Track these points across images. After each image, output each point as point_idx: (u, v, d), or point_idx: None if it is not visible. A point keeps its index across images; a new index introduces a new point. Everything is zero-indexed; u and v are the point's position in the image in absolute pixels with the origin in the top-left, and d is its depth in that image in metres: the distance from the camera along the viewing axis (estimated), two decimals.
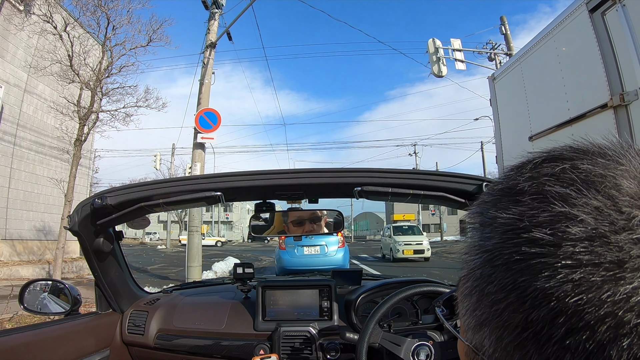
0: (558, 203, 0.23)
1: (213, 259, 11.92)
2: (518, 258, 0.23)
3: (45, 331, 1.09)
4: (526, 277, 0.23)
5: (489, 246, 0.26)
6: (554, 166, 0.25)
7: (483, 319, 0.26)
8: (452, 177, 1.06)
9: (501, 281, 0.24)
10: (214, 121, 7.81)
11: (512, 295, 0.24)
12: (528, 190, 0.25)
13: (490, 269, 0.25)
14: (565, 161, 0.25)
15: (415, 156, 27.98)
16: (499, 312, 0.24)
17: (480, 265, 0.26)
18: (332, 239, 7.39)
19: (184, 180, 1.15)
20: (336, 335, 1.26)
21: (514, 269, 0.24)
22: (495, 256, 0.25)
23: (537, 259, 0.23)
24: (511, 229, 0.25)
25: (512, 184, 0.27)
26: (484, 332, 0.26)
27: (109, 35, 7.08)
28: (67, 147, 7.82)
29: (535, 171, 0.26)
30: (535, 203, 0.24)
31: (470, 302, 0.28)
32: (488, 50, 12.94)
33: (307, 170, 1.11)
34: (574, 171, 0.24)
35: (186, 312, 1.37)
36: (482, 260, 0.26)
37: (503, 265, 0.24)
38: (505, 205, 0.26)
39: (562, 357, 0.22)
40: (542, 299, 0.22)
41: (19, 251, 9.52)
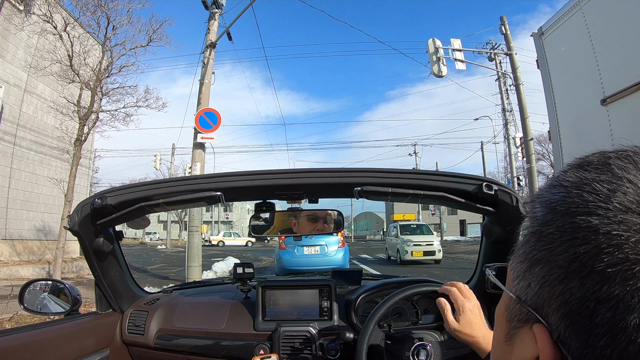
0: (618, 170, 0.28)
1: (213, 259, 11.93)
2: (578, 202, 0.28)
3: (45, 331, 1.09)
4: (582, 217, 0.27)
5: (555, 199, 0.30)
6: (619, 152, 0.30)
7: (537, 257, 0.29)
8: (452, 177, 1.06)
9: (560, 222, 0.28)
10: (214, 121, 7.81)
11: (567, 233, 0.27)
12: (594, 161, 0.30)
13: (552, 215, 0.29)
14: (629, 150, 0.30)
15: (415, 156, 27.99)
16: (552, 249, 0.28)
17: (543, 214, 0.30)
18: (332, 239, 7.39)
19: (184, 180, 1.15)
20: (336, 335, 1.26)
21: (573, 211, 0.28)
22: (559, 204, 0.29)
23: (593, 204, 0.27)
24: (576, 185, 0.29)
25: (582, 159, 0.32)
26: (534, 271, 0.30)
27: (109, 35, 7.09)
28: (67, 147, 7.82)
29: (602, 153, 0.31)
30: (599, 169, 0.29)
31: (526, 248, 0.31)
32: (488, 50, 12.95)
33: (307, 170, 1.11)
34: (634, 156, 0.29)
35: (186, 312, 1.37)
36: (546, 209, 0.30)
37: (564, 210, 0.28)
38: (573, 171, 0.31)
39: (600, 289, 0.25)
40: (592, 234, 0.26)
41: (19, 251, 9.52)
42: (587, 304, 0.25)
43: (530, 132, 11.81)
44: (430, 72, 11.22)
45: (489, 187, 1.01)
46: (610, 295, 0.24)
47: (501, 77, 13.23)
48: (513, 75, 12.20)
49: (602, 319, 0.25)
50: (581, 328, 0.26)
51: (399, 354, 1.06)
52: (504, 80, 13.20)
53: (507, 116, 13.39)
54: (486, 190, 1.00)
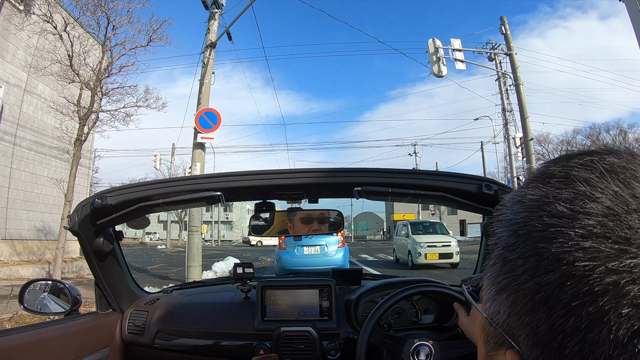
0: (581, 184, 0.26)
1: (213, 259, 11.93)
2: (539, 228, 0.26)
3: (45, 331, 1.09)
4: (544, 244, 0.26)
5: (517, 219, 0.29)
6: (584, 157, 0.28)
7: (503, 284, 0.28)
8: (452, 177, 1.06)
9: (522, 249, 0.27)
10: (214, 121, 7.81)
11: (530, 261, 0.26)
12: (557, 174, 0.28)
13: (514, 239, 0.28)
14: (595, 155, 0.28)
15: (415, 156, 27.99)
16: (516, 277, 0.27)
17: (506, 237, 0.29)
18: (332, 239, 7.39)
19: (184, 180, 1.15)
20: (336, 335, 1.26)
21: (535, 237, 0.26)
22: (521, 227, 0.28)
23: (554, 228, 0.25)
24: (537, 204, 0.28)
25: (544, 169, 0.30)
26: (501, 297, 0.29)
27: (109, 35, 7.09)
28: (67, 147, 7.82)
29: (567, 161, 0.29)
30: (561, 184, 0.27)
31: (493, 271, 0.30)
32: (488, 50, 12.95)
33: (307, 170, 1.11)
34: (600, 162, 0.27)
35: (186, 312, 1.37)
36: (509, 231, 0.29)
37: (526, 235, 0.27)
38: (535, 185, 0.29)
39: (567, 321, 0.24)
40: (555, 263, 0.25)
41: (19, 251, 9.52)
42: (555, 336, 0.24)
43: (530, 132, 11.82)
44: (430, 72, 11.23)
45: (489, 187, 1.01)
46: (577, 328, 0.23)
47: (501, 77, 13.23)
48: (513, 75, 12.20)
49: (570, 352, 0.24)
50: (551, 358, 0.25)
51: (399, 354, 1.06)
52: (504, 80, 13.20)
53: (507, 116, 13.39)
54: (486, 190, 1.00)
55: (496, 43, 12.94)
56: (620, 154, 0.28)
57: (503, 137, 13.76)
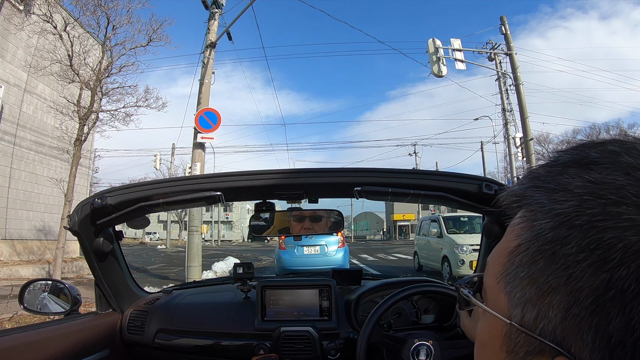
0: (636, 171, 0.24)
1: (213, 259, 11.92)
2: (604, 217, 0.23)
3: (45, 331, 1.09)
4: (613, 233, 0.23)
5: (564, 208, 0.25)
6: (617, 144, 0.26)
7: (553, 284, 0.25)
8: (452, 177, 1.06)
9: (581, 242, 0.24)
10: (214, 121, 7.81)
11: (594, 254, 0.23)
12: (600, 160, 0.26)
13: (565, 231, 0.25)
14: (626, 143, 0.26)
15: (415, 156, 27.99)
16: (576, 274, 0.24)
17: (550, 229, 0.26)
18: (332, 238, 7.38)
19: (184, 180, 1.15)
20: (336, 336, 1.26)
21: (599, 227, 0.23)
22: (574, 217, 0.24)
23: (625, 216, 0.23)
24: (591, 191, 0.25)
25: (579, 157, 0.27)
26: (549, 300, 0.25)
27: (109, 35, 7.08)
28: (67, 147, 7.82)
29: (599, 149, 0.27)
30: (609, 170, 0.25)
31: (530, 271, 0.26)
32: (488, 50, 12.95)
33: (307, 170, 1.11)
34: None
35: (186, 312, 1.37)
36: (555, 222, 0.25)
37: (585, 225, 0.24)
38: (577, 172, 0.26)
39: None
40: (630, 255, 0.22)
41: (19, 251, 9.52)
42: (632, 334, 0.22)
43: (530, 132, 11.82)
44: (430, 72, 11.23)
45: (489, 187, 1.01)
46: None
47: (501, 77, 13.23)
48: (513, 75, 12.20)
49: None
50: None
51: (399, 354, 1.06)
52: (504, 80, 13.20)
53: (507, 116, 13.39)
54: (486, 190, 1.00)
55: (496, 43, 12.94)
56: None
57: (503, 137, 13.77)
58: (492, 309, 0.31)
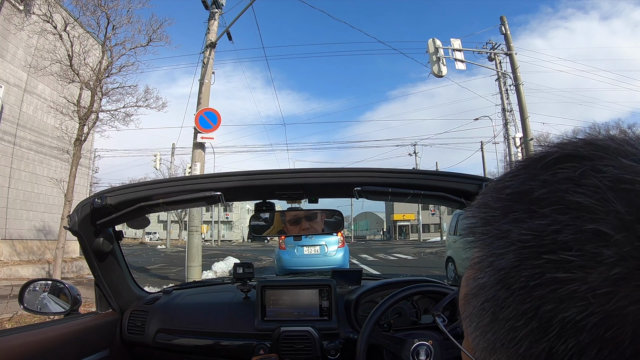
0: (585, 217, 0.20)
1: (213, 259, 11.92)
2: (540, 282, 0.21)
3: (45, 331, 1.09)
4: (552, 305, 0.20)
5: (503, 265, 0.23)
6: (571, 168, 0.22)
7: (497, 344, 0.23)
8: (452, 177, 1.06)
9: (519, 307, 0.22)
10: (214, 121, 7.81)
11: (533, 323, 0.21)
12: (545, 198, 0.22)
13: (505, 292, 0.22)
14: (584, 161, 0.22)
15: (415, 156, 27.99)
16: (517, 341, 0.22)
17: (491, 285, 0.24)
18: (332, 238, 7.38)
19: (184, 180, 1.15)
20: (336, 336, 1.27)
21: (535, 295, 0.21)
22: (511, 277, 0.22)
23: (564, 286, 0.20)
24: (530, 247, 0.21)
25: (525, 188, 0.24)
26: (497, 356, 0.24)
27: (109, 35, 7.08)
28: (67, 147, 7.81)
29: (550, 173, 0.23)
30: (556, 216, 0.21)
31: (481, 323, 0.25)
32: (488, 50, 12.95)
33: (307, 170, 1.11)
34: (597, 175, 0.21)
35: (186, 312, 1.37)
36: (494, 279, 0.23)
37: (521, 290, 0.21)
38: (519, 216, 0.23)
39: None
40: (571, 330, 0.20)
41: (19, 251, 9.52)
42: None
43: (530, 132, 11.82)
44: (430, 72, 11.23)
45: None
46: None
47: (501, 77, 13.23)
48: (513, 75, 12.20)
49: None
50: None
51: (399, 354, 1.06)
52: (504, 80, 13.20)
53: (507, 116, 13.40)
54: None
55: (496, 43, 12.94)
56: (613, 155, 0.22)
57: (503, 137, 13.76)
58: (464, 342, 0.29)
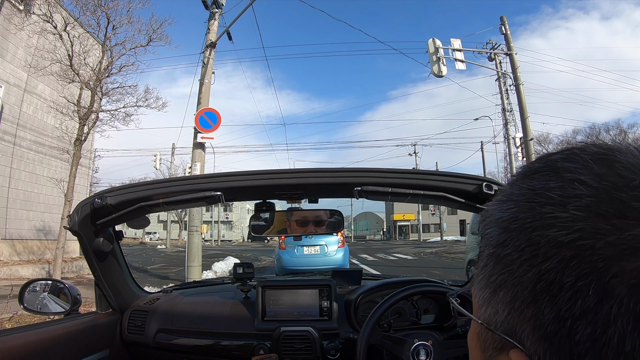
0: (567, 173, 0.26)
1: (213, 258, 11.92)
2: (531, 218, 0.26)
3: (45, 331, 1.09)
4: (539, 232, 0.25)
5: (506, 216, 0.28)
6: (564, 152, 0.29)
7: (499, 282, 0.28)
8: (452, 177, 1.06)
9: (516, 242, 0.27)
10: (214, 121, 7.81)
11: (525, 252, 0.26)
12: (540, 169, 0.29)
13: (505, 235, 0.28)
14: (575, 149, 0.28)
15: (415, 156, 27.99)
16: (513, 271, 0.26)
17: (496, 235, 0.29)
18: (332, 238, 7.38)
19: (184, 180, 1.14)
20: (336, 335, 1.27)
21: (528, 227, 0.26)
22: (511, 222, 0.27)
23: (548, 215, 0.25)
24: (526, 198, 0.28)
25: (526, 168, 0.30)
26: (498, 297, 0.28)
27: (109, 35, 7.08)
28: (67, 147, 7.82)
29: (547, 158, 0.29)
30: (546, 177, 0.27)
31: (485, 272, 0.30)
32: (488, 50, 12.95)
33: (307, 170, 1.11)
34: (581, 153, 0.27)
35: (186, 312, 1.37)
36: (499, 229, 0.29)
37: (518, 228, 0.27)
38: (520, 182, 0.29)
39: (573, 305, 0.23)
40: (553, 249, 0.24)
41: (19, 251, 9.51)
42: (563, 323, 0.23)
43: (530, 132, 11.81)
44: (430, 72, 11.22)
45: (489, 187, 1.01)
46: (585, 309, 0.23)
47: (501, 77, 13.23)
48: (513, 75, 12.19)
49: (581, 337, 0.23)
50: (561, 349, 0.24)
51: (399, 354, 1.06)
52: (504, 80, 13.20)
53: (507, 116, 13.39)
54: (486, 190, 1.00)
55: (496, 43, 12.94)
56: (599, 145, 0.28)
57: (503, 137, 13.76)
58: (472, 313, 0.34)
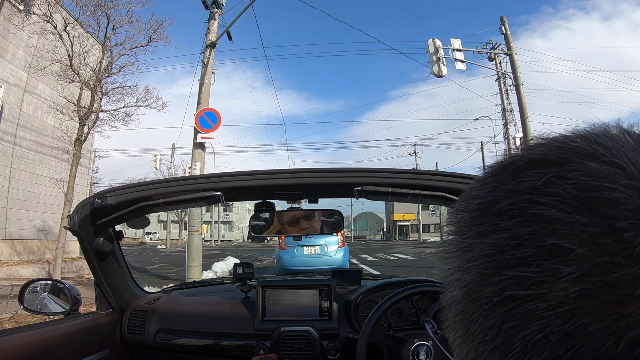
0: (544, 231, 0.19)
1: (213, 259, 11.92)
2: (502, 299, 0.20)
3: (45, 331, 1.09)
4: (513, 322, 0.20)
5: (469, 279, 0.23)
6: (536, 175, 0.21)
7: (470, 357, 0.23)
8: (452, 177, 1.06)
9: (485, 322, 0.21)
10: (214, 121, 7.81)
11: (498, 339, 0.21)
12: (508, 210, 0.21)
13: (472, 307, 0.22)
14: (551, 167, 0.21)
15: (415, 156, 27.99)
16: (485, 355, 0.22)
17: (461, 299, 0.24)
18: (332, 238, 7.38)
19: (184, 180, 1.14)
20: (336, 335, 1.27)
21: (498, 312, 0.20)
22: (477, 293, 0.22)
23: (524, 304, 0.19)
24: (491, 263, 0.21)
25: (490, 199, 0.23)
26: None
27: (109, 35, 7.08)
28: (67, 147, 7.82)
29: (515, 182, 0.22)
30: (517, 229, 0.20)
31: (456, 335, 0.25)
32: (488, 50, 12.95)
33: (307, 170, 1.11)
34: (560, 183, 0.20)
35: (186, 312, 1.37)
36: (463, 293, 0.23)
37: (485, 305, 0.21)
38: (483, 229, 0.22)
39: None
40: (532, 349, 0.19)
41: (19, 251, 9.52)
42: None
43: (530, 132, 11.82)
44: (430, 72, 11.23)
45: None
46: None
47: (501, 77, 13.24)
48: (513, 75, 12.20)
49: None
50: None
51: (399, 354, 1.06)
52: (504, 80, 13.20)
53: (507, 116, 13.40)
54: None
55: (496, 43, 12.95)
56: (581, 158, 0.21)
57: (503, 137, 13.77)
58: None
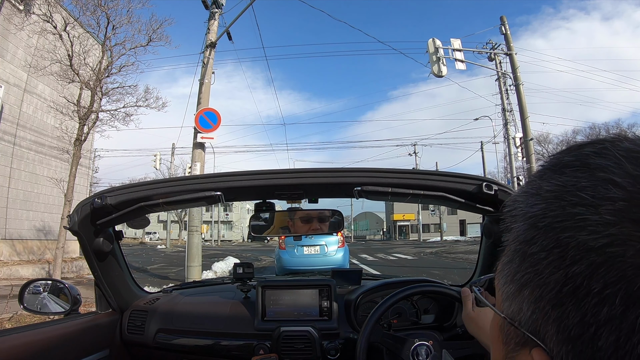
0: (599, 171, 0.25)
1: (213, 259, 11.92)
2: (561, 218, 0.25)
3: (45, 331, 1.09)
4: (568, 233, 0.24)
5: (534, 212, 0.27)
6: (597, 145, 0.27)
7: (524, 280, 0.27)
8: (452, 177, 1.06)
9: (544, 241, 0.26)
10: (214, 121, 7.81)
11: (553, 253, 0.25)
12: (571, 163, 0.27)
13: (533, 232, 0.27)
14: (607, 142, 0.27)
15: (415, 156, 27.99)
16: (540, 271, 0.26)
17: (524, 231, 0.28)
18: (332, 238, 7.37)
19: (184, 180, 1.14)
20: (336, 335, 1.27)
21: (557, 227, 0.25)
22: (540, 219, 0.27)
23: (578, 216, 0.24)
24: (555, 195, 0.26)
25: (556, 160, 0.29)
26: (523, 294, 0.27)
27: (108, 34, 7.08)
28: (67, 147, 7.82)
29: (578, 150, 0.28)
30: (578, 173, 0.26)
31: (511, 268, 0.29)
32: (488, 50, 12.95)
33: (307, 170, 1.11)
34: (614, 148, 0.26)
35: (186, 311, 1.37)
36: (527, 225, 0.28)
37: (547, 226, 0.26)
38: (550, 176, 0.28)
39: (599, 311, 0.23)
40: (582, 253, 0.24)
41: (19, 251, 9.52)
42: (587, 328, 0.23)
43: (530, 132, 11.82)
44: (430, 72, 11.22)
45: (489, 187, 1.01)
46: (611, 317, 0.22)
47: (501, 77, 13.23)
48: (513, 75, 12.20)
49: (604, 343, 0.22)
50: (583, 353, 0.23)
51: (399, 354, 1.06)
52: (504, 80, 13.20)
53: (507, 116, 13.39)
54: (486, 190, 1.00)
55: (496, 43, 12.95)
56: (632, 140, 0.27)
57: (503, 137, 13.76)
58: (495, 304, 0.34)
